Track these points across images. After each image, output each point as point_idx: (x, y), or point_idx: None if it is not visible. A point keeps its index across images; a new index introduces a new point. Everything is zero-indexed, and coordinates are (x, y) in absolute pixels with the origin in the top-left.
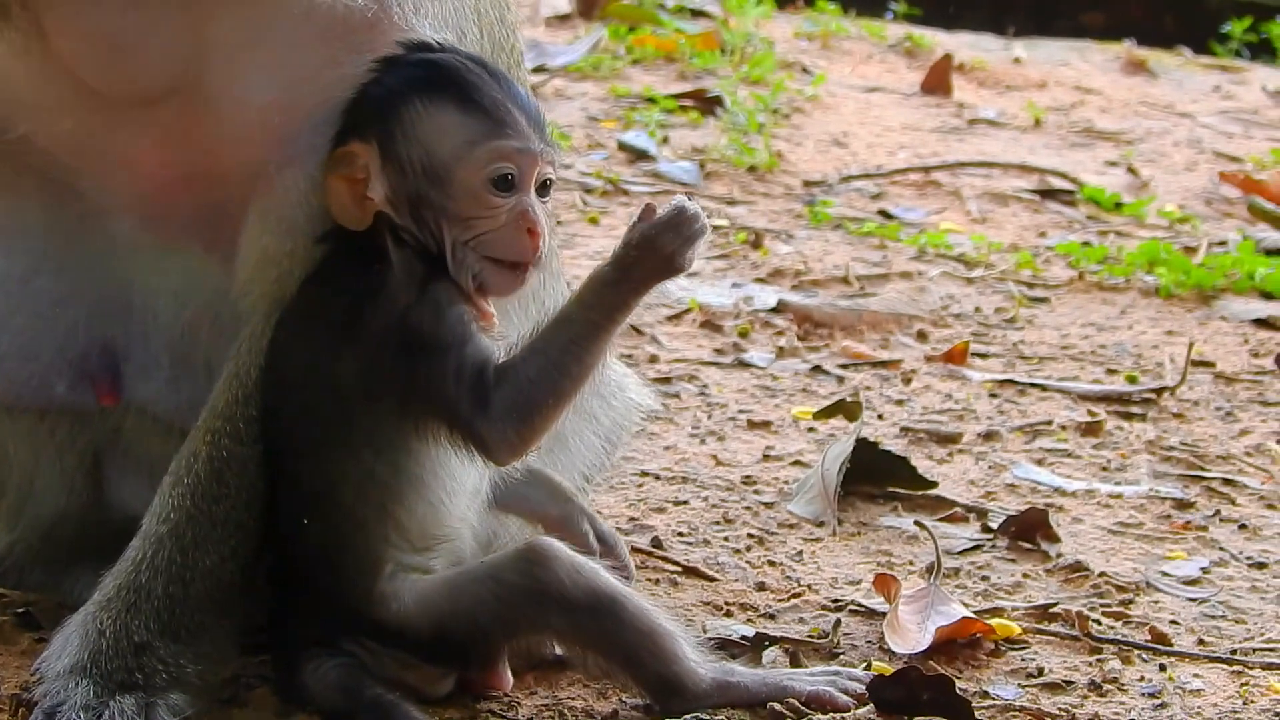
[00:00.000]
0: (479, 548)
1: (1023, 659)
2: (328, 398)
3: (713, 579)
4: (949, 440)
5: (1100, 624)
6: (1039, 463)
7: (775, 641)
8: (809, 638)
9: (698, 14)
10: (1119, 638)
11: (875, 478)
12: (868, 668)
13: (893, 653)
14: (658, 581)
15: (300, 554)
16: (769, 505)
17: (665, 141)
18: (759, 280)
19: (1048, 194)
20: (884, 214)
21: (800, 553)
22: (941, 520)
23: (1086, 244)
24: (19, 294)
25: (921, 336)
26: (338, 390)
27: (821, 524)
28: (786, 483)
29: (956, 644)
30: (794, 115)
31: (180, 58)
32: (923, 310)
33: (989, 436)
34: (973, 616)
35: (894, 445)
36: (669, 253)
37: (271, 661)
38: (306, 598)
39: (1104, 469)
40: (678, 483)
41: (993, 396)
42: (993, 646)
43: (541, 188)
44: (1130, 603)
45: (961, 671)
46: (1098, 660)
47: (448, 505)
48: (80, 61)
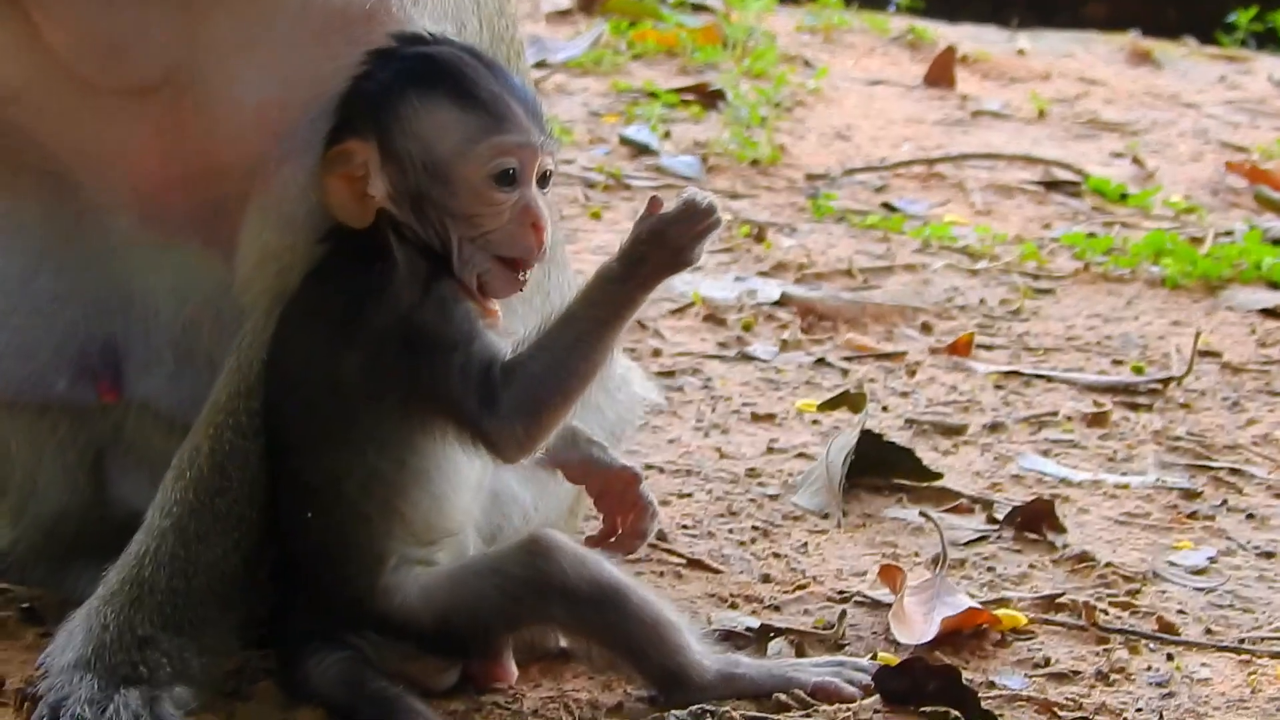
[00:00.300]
0: (483, 541)
1: (1029, 649)
2: (330, 394)
3: (717, 571)
4: (954, 432)
5: (1107, 614)
6: (1045, 454)
7: (781, 633)
8: (814, 629)
9: (699, 8)
10: (1126, 627)
11: (880, 469)
12: (874, 658)
13: (898, 643)
14: (662, 574)
15: (303, 548)
16: (773, 498)
17: (667, 136)
18: (762, 274)
19: (1052, 185)
20: (887, 206)
21: (805, 544)
22: (947, 511)
23: (1092, 235)
24: (18, 292)
25: (926, 329)
26: (340, 386)
27: (826, 516)
28: (791, 475)
29: (962, 634)
30: (796, 109)
31: (176, 52)
32: (927, 302)
33: (994, 428)
34: (979, 607)
35: (899, 437)
36: (678, 247)
37: (275, 655)
38: (309, 591)
39: (1110, 459)
40: (682, 475)
41: (998, 388)
42: (999, 637)
43: (542, 179)
44: (1137, 593)
45: (968, 662)
46: (1105, 650)
47: (451, 499)
48: (75, 56)
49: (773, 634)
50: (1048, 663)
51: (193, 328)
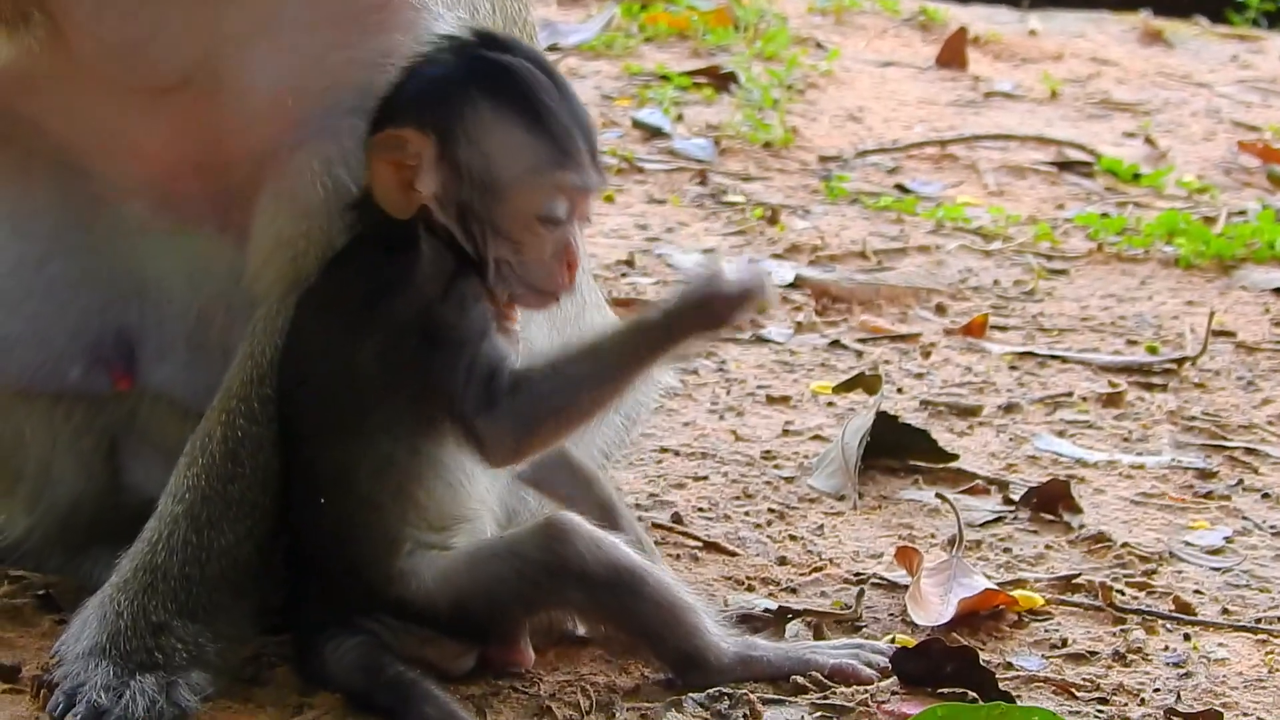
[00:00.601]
0: (499, 528)
1: (1046, 630)
2: (345, 380)
3: (734, 554)
4: (969, 413)
5: (1124, 594)
6: (1060, 434)
7: (798, 615)
8: (831, 611)
9: None
10: (1143, 608)
11: (895, 451)
12: (891, 640)
13: (915, 625)
14: (678, 557)
15: (317, 534)
16: (789, 480)
17: (680, 119)
18: (776, 256)
19: (1065, 166)
20: (901, 188)
21: (821, 527)
22: (963, 493)
23: (1105, 215)
24: (32, 279)
25: (940, 310)
26: (355, 374)
27: (842, 498)
28: (806, 457)
29: (979, 615)
30: (809, 91)
31: (195, 48)
32: (941, 283)
33: (1009, 409)
34: (995, 588)
35: (914, 418)
36: (722, 316)
37: (291, 641)
38: (325, 577)
39: (1125, 440)
40: (697, 458)
41: (1013, 369)
42: (1016, 618)
43: (584, 217)
44: (1154, 573)
45: (985, 643)
46: (1121, 630)
47: (467, 487)
48: (97, 56)
49: (790, 615)
50: (1065, 643)
51: (206, 315)
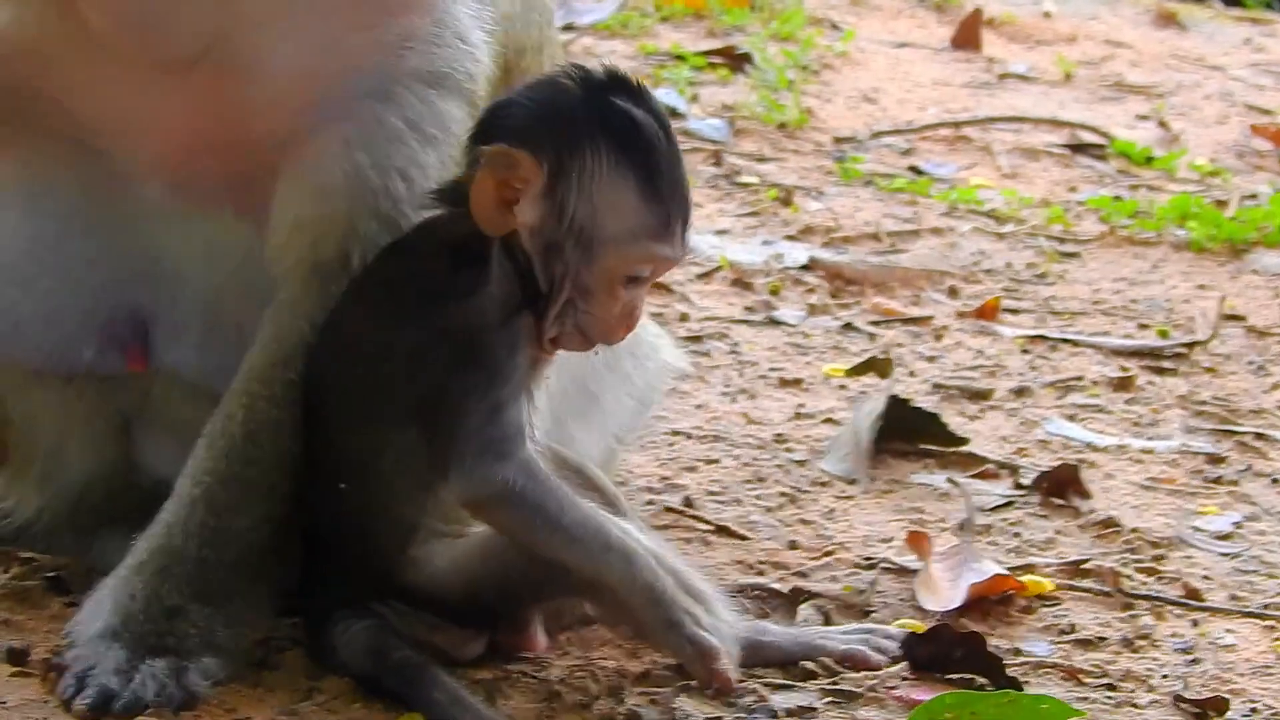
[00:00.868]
0: None
1: (1055, 615)
2: (381, 368)
3: (745, 538)
4: (980, 396)
5: (1133, 580)
6: (1071, 418)
7: (810, 597)
8: (842, 595)
9: None
10: (1151, 593)
11: (907, 435)
12: (901, 625)
13: (925, 610)
14: (689, 540)
15: (334, 518)
16: (801, 463)
17: (695, 99)
18: (789, 237)
19: (1078, 148)
20: (914, 170)
21: (832, 510)
22: (973, 477)
23: (1117, 198)
24: (47, 259)
25: (953, 293)
26: (393, 364)
27: (853, 482)
28: (818, 440)
29: (989, 601)
30: (824, 71)
31: (212, 26)
32: (954, 266)
33: (1021, 392)
34: (1005, 573)
35: (926, 402)
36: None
37: (302, 624)
38: (337, 561)
39: (1136, 424)
40: (709, 441)
41: (1024, 352)
42: (1025, 603)
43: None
44: (1163, 558)
45: (994, 628)
46: (1130, 616)
47: None
48: (113, 33)
49: (805, 596)
50: (1073, 629)
51: (221, 296)
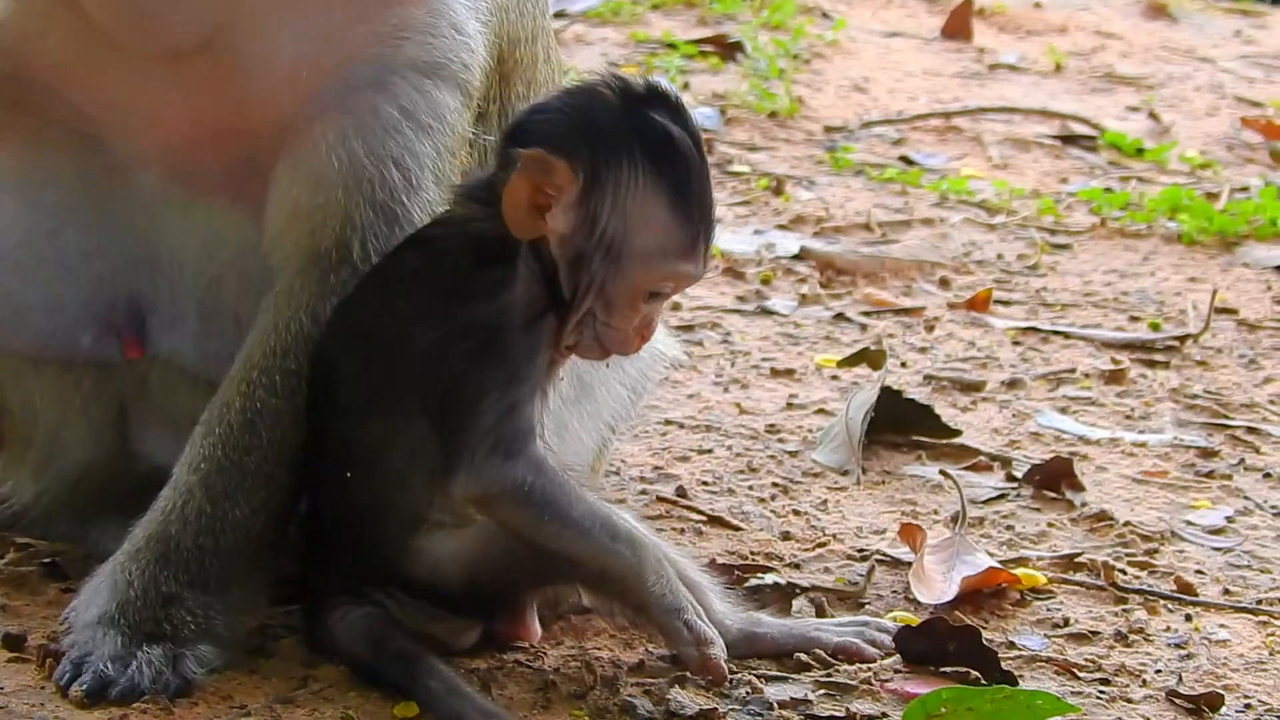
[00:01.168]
0: None
1: (1048, 609)
2: (396, 362)
3: (737, 529)
4: (972, 388)
5: (1126, 574)
6: (1063, 411)
7: (804, 591)
8: (835, 588)
9: None
10: (1144, 588)
11: (899, 426)
12: (894, 618)
13: (918, 602)
14: (682, 531)
15: (337, 508)
16: (793, 454)
17: (686, 87)
18: (781, 227)
19: (1069, 139)
20: (905, 160)
21: (825, 502)
22: (966, 469)
23: (1108, 190)
24: (45, 247)
25: (944, 283)
26: (408, 358)
27: (846, 473)
28: (810, 431)
29: (982, 594)
30: (814, 60)
31: (208, 16)
32: (945, 257)
33: (1012, 384)
34: (998, 566)
35: (917, 393)
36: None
37: (299, 612)
38: (337, 549)
39: (1128, 417)
40: (701, 431)
41: (1016, 344)
42: (1018, 596)
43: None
44: (1155, 552)
45: (987, 622)
46: (1123, 610)
47: None
48: (112, 24)
49: (798, 591)
50: (1067, 623)
51: (218, 285)
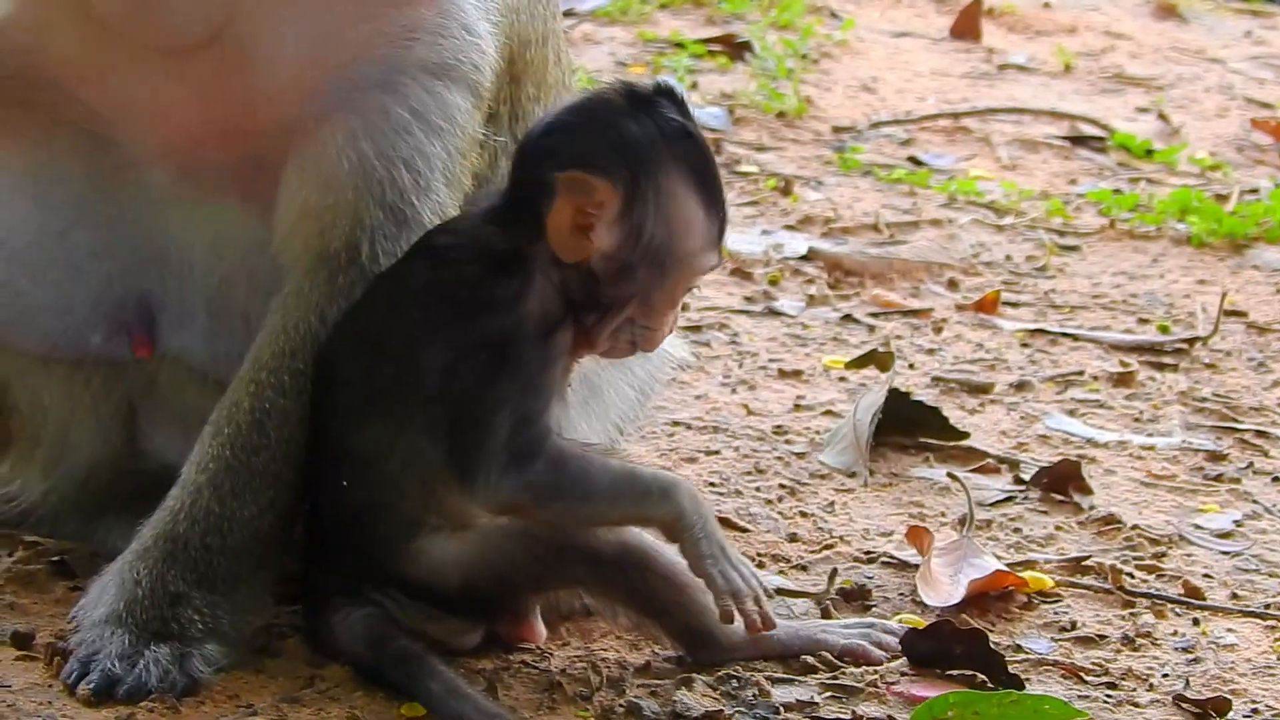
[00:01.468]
0: None
1: (1055, 612)
2: (401, 370)
3: (744, 530)
4: (980, 390)
5: (1133, 577)
6: (1071, 413)
7: (810, 593)
8: (842, 589)
9: None
10: (1152, 591)
11: (907, 428)
12: (900, 620)
13: (925, 605)
14: None
15: (338, 508)
16: (800, 455)
17: (694, 87)
18: (789, 227)
19: (1078, 140)
20: (914, 160)
21: (832, 504)
22: (973, 471)
23: (1117, 191)
24: (55, 246)
25: (952, 285)
26: (414, 367)
27: (853, 475)
28: (818, 432)
29: (989, 597)
30: (823, 60)
31: (217, 13)
32: (953, 258)
33: (1021, 386)
34: (1005, 569)
35: (925, 395)
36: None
37: (303, 612)
38: (339, 551)
39: (1136, 420)
40: (709, 432)
41: (1024, 346)
42: (1025, 599)
43: None
44: (1163, 556)
45: (994, 624)
46: (1131, 614)
47: None
48: (119, 18)
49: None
50: (1074, 626)
51: (227, 284)
